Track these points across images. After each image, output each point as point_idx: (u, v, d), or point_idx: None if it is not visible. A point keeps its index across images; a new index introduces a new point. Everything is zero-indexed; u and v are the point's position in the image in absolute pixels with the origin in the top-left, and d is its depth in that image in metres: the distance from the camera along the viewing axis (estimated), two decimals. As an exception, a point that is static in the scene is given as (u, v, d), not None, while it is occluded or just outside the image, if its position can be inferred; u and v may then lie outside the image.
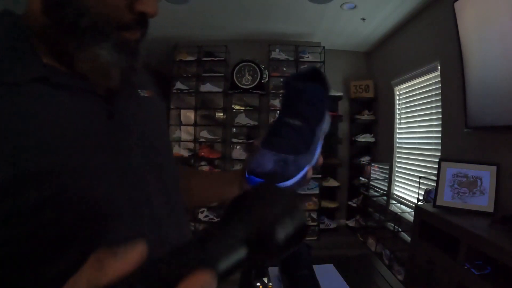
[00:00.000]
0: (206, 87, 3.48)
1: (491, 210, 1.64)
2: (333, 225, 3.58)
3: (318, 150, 0.52)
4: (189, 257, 0.19)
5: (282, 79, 0.66)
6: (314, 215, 3.38)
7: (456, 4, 1.87)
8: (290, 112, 0.47)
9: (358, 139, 3.60)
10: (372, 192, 3.19)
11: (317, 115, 0.50)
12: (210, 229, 0.22)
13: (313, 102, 0.48)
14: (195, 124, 3.52)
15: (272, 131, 0.47)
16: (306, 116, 0.47)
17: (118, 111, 0.41)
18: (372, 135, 3.60)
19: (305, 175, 0.47)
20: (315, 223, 3.37)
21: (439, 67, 2.33)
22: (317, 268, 0.87)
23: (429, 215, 1.78)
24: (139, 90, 0.48)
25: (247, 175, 0.44)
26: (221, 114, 3.63)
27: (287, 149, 0.45)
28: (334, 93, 3.59)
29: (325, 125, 0.56)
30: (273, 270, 0.91)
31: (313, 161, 0.50)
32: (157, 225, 0.42)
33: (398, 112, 3.11)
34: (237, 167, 3.30)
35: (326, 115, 0.55)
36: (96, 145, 0.37)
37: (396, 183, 3.05)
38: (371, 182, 3.22)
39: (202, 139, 3.50)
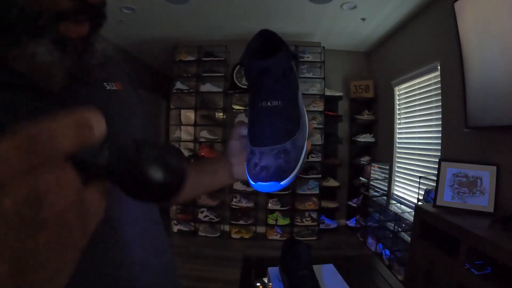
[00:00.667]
0: (206, 87, 3.48)
1: (491, 210, 1.64)
2: (333, 225, 3.58)
3: (305, 115, 0.46)
4: None
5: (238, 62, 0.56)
6: (314, 215, 3.38)
7: (456, 4, 1.87)
8: (264, 95, 0.41)
9: (358, 139, 3.60)
10: (372, 192, 3.19)
11: (292, 85, 0.44)
12: None
13: (283, 74, 0.42)
14: (195, 124, 3.52)
15: (255, 123, 0.42)
16: (283, 93, 0.42)
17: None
18: (372, 135, 3.60)
19: (306, 152, 0.44)
20: (315, 223, 3.37)
21: (439, 67, 2.33)
22: (317, 268, 0.87)
23: (429, 215, 1.78)
24: (105, 84, 0.44)
25: (252, 184, 0.41)
26: (221, 114, 3.63)
27: (281, 137, 0.41)
28: (334, 93, 3.59)
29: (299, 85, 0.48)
30: (273, 270, 0.91)
31: (307, 133, 0.45)
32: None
33: (398, 112, 3.11)
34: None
35: (297, 74, 0.47)
36: None
37: (396, 183, 3.05)
38: (371, 182, 3.22)
39: (202, 139, 3.50)
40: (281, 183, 0.39)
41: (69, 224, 0.17)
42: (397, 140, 3.10)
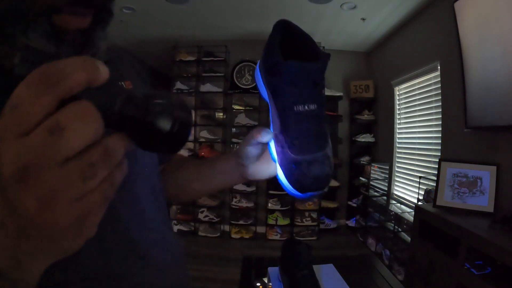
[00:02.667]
0: (206, 87, 3.48)
1: (491, 210, 1.64)
2: (333, 225, 3.58)
3: None
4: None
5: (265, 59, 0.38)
6: (314, 215, 3.38)
7: (456, 4, 1.87)
8: (301, 99, 0.39)
9: (358, 139, 3.60)
10: (372, 192, 3.19)
11: (323, 87, 0.42)
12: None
13: (320, 78, 0.40)
14: (195, 124, 3.52)
15: (293, 129, 0.39)
16: (316, 96, 0.40)
17: None
18: (372, 135, 3.60)
19: None
20: (315, 223, 3.37)
21: (439, 67, 2.33)
22: (317, 268, 0.87)
23: (429, 215, 1.78)
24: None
25: (300, 195, 0.39)
26: (221, 114, 3.63)
27: (323, 143, 0.39)
28: (334, 93, 3.59)
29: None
30: (273, 270, 0.91)
31: None
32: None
33: (398, 112, 3.11)
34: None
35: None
36: None
37: (396, 183, 3.05)
38: (371, 182, 3.22)
39: (202, 139, 3.50)
40: (325, 189, 0.40)
41: (93, 162, 0.18)
42: (397, 140, 3.10)
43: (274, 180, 0.46)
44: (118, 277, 0.37)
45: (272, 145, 0.44)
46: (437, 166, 1.93)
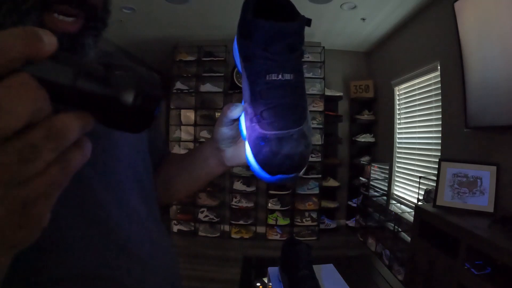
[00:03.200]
0: (206, 87, 3.48)
1: (491, 210, 1.64)
2: (333, 225, 3.58)
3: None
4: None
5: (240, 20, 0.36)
6: (314, 215, 3.38)
7: (456, 4, 1.87)
8: (275, 66, 0.34)
9: (358, 139, 3.60)
10: (372, 192, 3.19)
11: (301, 57, 0.37)
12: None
13: (300, 42, 0.35)
14: (195, 124, 3.52)
15: (263, 102, 0.34)
16: (296, 65, 0.35)
17: None
18: (372, 135, 3.60)
19: None
20: (315, 223, 3.38)
21: (439, 67, 2.33)
22: (317, 268, 0.87)
23: (429, 215, 1.78)
24: None
25: (268, 177, 0.34)
26: (221, 114, 3.63)
27: (299, 118, 0.34)
28: (334, 93, 3.59)
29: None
30: (273, 270, 0.91)
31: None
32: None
33: (398, 112, 3.11)
34: (237, 167, 3.30)
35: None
36: None
37: (396, 183, 3.05)
38: (371, 182, 3.22)
39: (202, 139, 3.50)
40: (301, 173, 0.34)
41: (35, 143, 0.16)
42: (397, 140, 3.10)
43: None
44: (107, 275, 0.37)
45: (243, 120, 0.38)
46: (437, 166, 1.93)
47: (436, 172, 1.93)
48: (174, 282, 0.48)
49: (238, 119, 0.40)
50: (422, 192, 2.27)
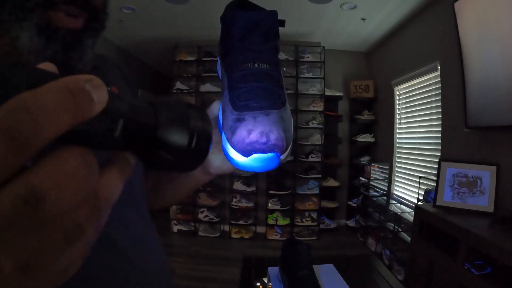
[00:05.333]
0: (206, 87, 3.48)
1: (491, 210, 1.64)
2: (333, 225, 3.58)
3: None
4: None
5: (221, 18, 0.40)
6: (314, 215, 3.38)
7: (456, 4, 1.87)
8: (250, 56, 0.34)
9: (358, 139, 3.60)
10: (372, 192, 3.19)
11: (277, 52, 0.37)
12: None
13: (274, 33, 0.36)
14: (195, 124, 3.52)
15: (239, 86, 0.34)
16: (270, 56, 0.35)
17: None
18: (372, 135, 3.60)
19: None
20: (315, 223, 3.38)
21: (439, 67, 2.33)
22: (317, 268, 0.87)
23: (429, 215, 1.78)
24: None
25: (244, 157, 0.31)
26: (221, 114, 3.63)
27: (275, 101, 0.34)
28: (334, 93, 3.59)
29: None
30: (273, 270, 0.91)
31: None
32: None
33: (398, 112, 3.11)
34: (237, 167, 3.29)
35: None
36: None
37: (396, 183, 3.05)
38: (371, 182, 3.22)
39: (202, 139, 3.50)
40: (281, 156, 0.32)
41: (79, 221, 0.15)
42: (397, 140, 3.10)
43: (274, 180, 0.42)
44: (103, 277, 0.37)
45: (221, 116, 0.38)
46: (437, 166, 1.93)
47: (436, 172, 1.93)
48: (167, 286, 0.48)
49: (218, 117, 0.39)
50: (422, 192, 2.27)
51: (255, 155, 0.30)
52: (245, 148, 0.31)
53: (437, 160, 1.96)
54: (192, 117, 0.19)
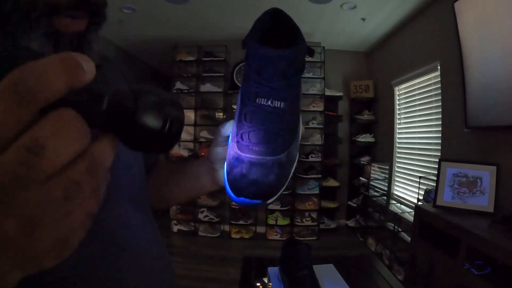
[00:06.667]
0: (206, 87, 3.48)
1: (491, 210, 1.64)
2: (333, 225, 3.58)
3: (300, 125, 0.39)
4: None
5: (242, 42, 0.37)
6: (314, 215, 3.38)
7: (456, 4, 1.87)
8: (266, 92, 0.33)
9: (358, 139, 3.60)
10: (372, 192, 3.19)
11: (299, 85, 0.36)
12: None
13: (296, 71, 0.35)
14: (195, 124, 3.52)
15: (247, 124, 0.34)
16: (288, 94, 0.34)
17: None
18: (372, 135, 3.60)
19: (295, 166, 0.38)
20: (315, 223, 3.37)
21: (439, 67, 2.33)
22: (317, 268, 0.87)
23: (429, 215, 1.78)
24: None
25: (233, 197, 0.34)
26: (221, 114, 3.63)
27: (277, 147, 0.34)
28: (334, 93, 3.59)
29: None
30: (273, 270, 0.91)
31: (299, 141, 0.39)
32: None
33: (398, 112, 3.11)
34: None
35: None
36: None
37: (396, 183, 3.05)
38: (371, 182, 3.22)
39: (202, 139, 3.50)
40: (267, 201, 0.34)
41: (77, 178, 0.16)
42: (397, 140, 3.10)
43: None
44: (108, 275, 0.37)
45: (230, 139, 0.39)
46: (437, 166, 1.93)
47: (436, 172, 1.93)
48: (169, 283, 0.48)
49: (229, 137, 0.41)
50: (422, 192, 2.27)
51: (243, 198, 0.33)
52: (235, 189, 0.33)
53: (437, 160, 1.96)
54: (167, 105, 0.21)
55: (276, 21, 0.38)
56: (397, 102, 3.12)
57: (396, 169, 3.08)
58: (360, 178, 3.47)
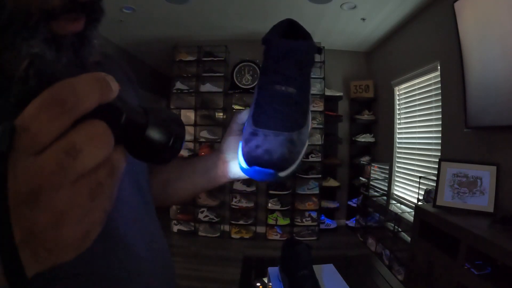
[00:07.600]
0: (206, 87, 3.48)
1: (491, 210, 1.64)
2: (333, 225, 3.58)
3: (310, 117, 0.44)
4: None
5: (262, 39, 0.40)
6: (314, 215, 3.38)
7: (456, 4, 1.87)
8: (282, 78, 0.39)
9: (358, 139, 3.60)
10: (372, 192, 3.19)
11: (309, 78, 0.42)
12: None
13: (307, 63, 0.40)
14: (195, 124, 3.52)
15: (263, 105, 0.39)
16: (300, 82, 0.39)
17: None
18: (372, 135, 3.60)
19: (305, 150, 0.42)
20: (315, 223, 3.38)
21: (439, 67, 2.33)
22: (317, 268, 0.87)
23: (429, 215, 1.78)
24: None
25: (247, 166, 0.37)
26: (221, 114, 3.63)
27: (289, 125, 0.38)
28: (334, 93, 3.59)
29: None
30: (273, 270, 0.91)
31: (309, 129, 0.43)
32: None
33: (398, 112, 3.11)
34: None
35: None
36: None
37: (396, 183, 3.05)
38: (371, 182, 3.22)
39: (202, 139, 3.50)
40: (280, 174, 0.37)
41: (100, 180, 0.19)
42: (397, 140, 3.10)
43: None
44: (109, 274, 0.37)
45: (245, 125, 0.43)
46: (437, 166, 1.93)
47: (436, 172, 1.93)
48: (170, 282, 0.49)
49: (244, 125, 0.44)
50: (422, 192, 2.27)
51: (256, 167, 0.36)
52: (249, 159, 0.36)
53: (437, 160, 1.96)
54: (172, 123, 0.24)
55: (291, 26, 0.44)
56: (397, 102, 3.12)
57: (396, 169, 3.08)
58: (360, 178, 3.48)
